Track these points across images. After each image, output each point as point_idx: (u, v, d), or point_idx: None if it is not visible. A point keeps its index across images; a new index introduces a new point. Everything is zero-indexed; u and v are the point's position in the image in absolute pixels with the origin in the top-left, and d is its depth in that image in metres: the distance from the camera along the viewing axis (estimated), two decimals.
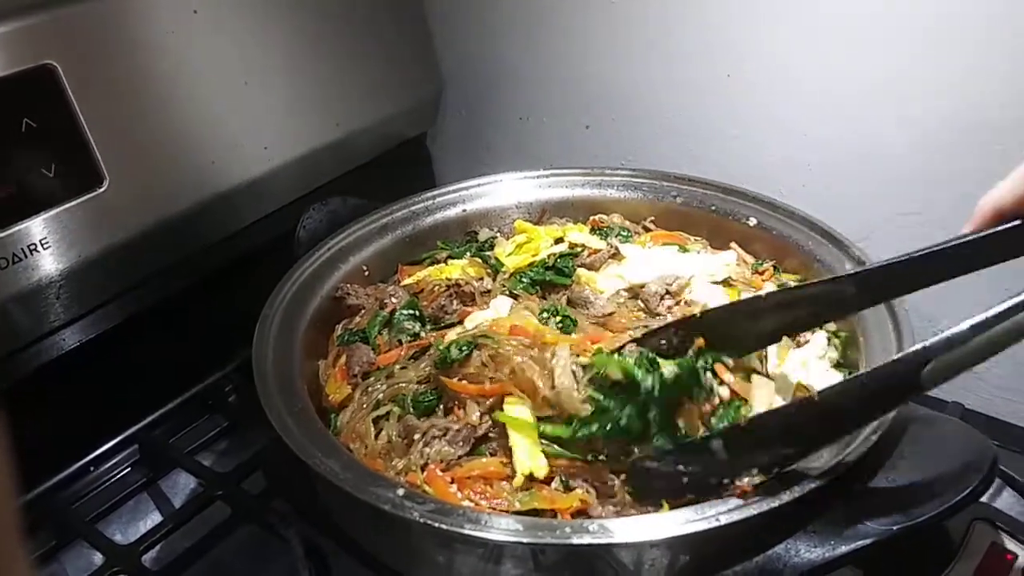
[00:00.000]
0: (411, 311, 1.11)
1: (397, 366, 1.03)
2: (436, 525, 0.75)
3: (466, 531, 0.74)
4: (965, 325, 0.70)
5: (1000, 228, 0.74)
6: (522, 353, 0.95)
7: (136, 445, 1.22)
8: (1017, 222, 0.73)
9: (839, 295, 0.84)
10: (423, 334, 1.07)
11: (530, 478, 0.86)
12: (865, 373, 0.76)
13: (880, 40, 1.16)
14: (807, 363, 1.01)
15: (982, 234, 0.75)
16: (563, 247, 1.23)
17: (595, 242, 1.22)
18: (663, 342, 0.93)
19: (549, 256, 1.19)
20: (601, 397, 0.88)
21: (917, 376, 0.72)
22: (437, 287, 1.14)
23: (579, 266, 1.18)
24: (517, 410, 0.91)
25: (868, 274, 0.85)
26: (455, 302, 1.12)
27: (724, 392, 0.90)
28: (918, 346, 0.72)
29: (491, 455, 0.91)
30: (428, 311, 1.12)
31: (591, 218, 1.30)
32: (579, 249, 1.22)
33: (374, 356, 1.05)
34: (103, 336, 1.22)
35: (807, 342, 1.03)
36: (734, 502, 0.76)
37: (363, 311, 1.14)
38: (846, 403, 0.76)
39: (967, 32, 1.09)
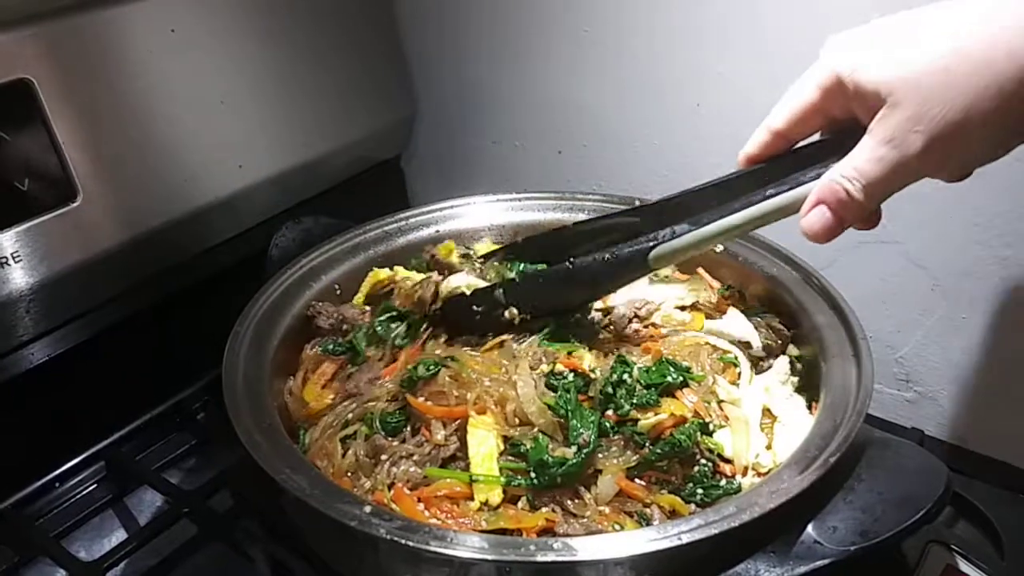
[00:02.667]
0: (389, 314, 1.11)
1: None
2: (403, 542, 0.75)
3: (432, 548, 0.75)
4: (686, 222, 0.92)
5: (753, 168, 0.89)
6: (485, 375, 0.98)
7: (103, 461, 1.21)
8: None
9: (630, 225, 1.01)
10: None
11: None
12: (608, 253, 0.99)
13: None
14: (770, 388, 1.03)
15: (736, 173, 0.91)
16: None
17: None
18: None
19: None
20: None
21: (645, 258, 0.95)
22: (408, 282, 1.15)
23: None
24: (480, 435, 0.93)
25: (647, 207, 1.02)
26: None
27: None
28: (651, 234, 0.95)
29: None
30: (406, 307, 1.13)
31: None
32: None
33: (379, 370, 1.05)
34: (72, 351, 1.22)
35: (770, 367, 1.05)
36: (696, 521, 0.77)
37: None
38: (593, 272, 1.01)
39: None
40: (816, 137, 0.86)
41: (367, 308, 1.18)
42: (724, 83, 1.30)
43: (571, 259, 1.02)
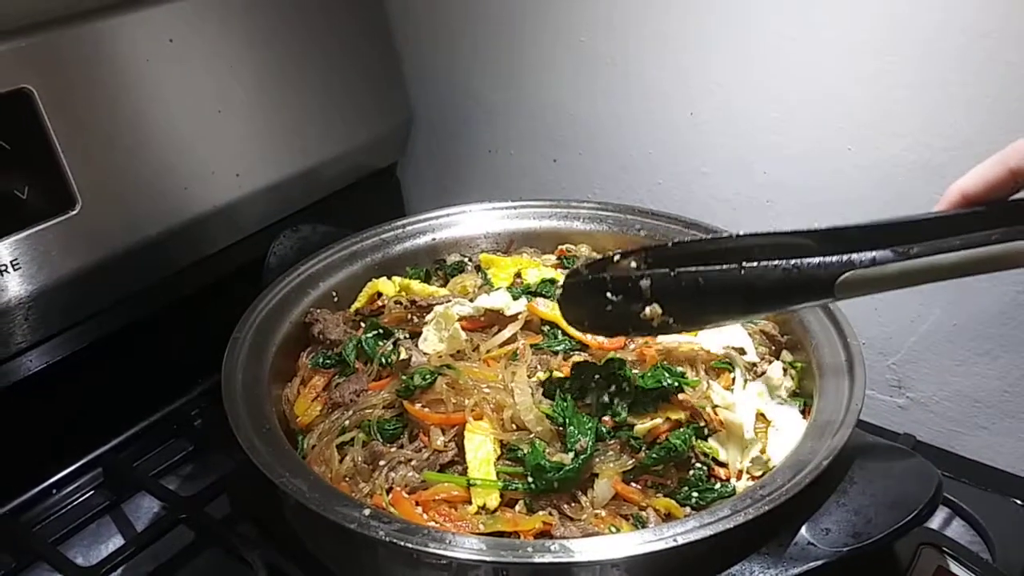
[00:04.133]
0: (375, 331, 1.12)
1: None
2: (401, 544, 0.76)
3: (431, 549, 0.76)
4: (890, 250, 0.76)
5: (963, 211, 0.78)
6: (482, 382, 0.99)
7: (100, 468, 1.22)
8: (980, 208, 0.77)
9: (801, 247, 0.84)
10: (402, 351, 1.07)
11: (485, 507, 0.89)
12: (793, 262, 0.81)
13: (836, 88, 1.21)
14: (764, 394, 1.04)
15: (941, 213, 0.79)
16: (550, 273, 1.25)
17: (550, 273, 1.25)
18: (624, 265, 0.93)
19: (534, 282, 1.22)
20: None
21: (833, 282, 0.78)
22: (395, 307, 1.16)
23: None
24: (477, 440, 0.94)
25: (828, 233, 0.84)
26: (414, 317, 1.14)
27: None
28: (844, 256, 0.78)
29: None
30: (392, 326, 1.14)
31: (558, 248, 1.33)
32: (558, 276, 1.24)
33: (366, 382, 1.06)
34: (70, 358, 1.23)
35: (764, 373, 1.07)
36: (691, 524, 0.78)
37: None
38: (769, 283, 0.82)
39: (926, 80, 1.13)
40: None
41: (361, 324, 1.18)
42: (718, 92, 1.32)
43: (742, 264, 0.84)
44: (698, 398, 0.98)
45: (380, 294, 1.22)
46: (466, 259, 1.32)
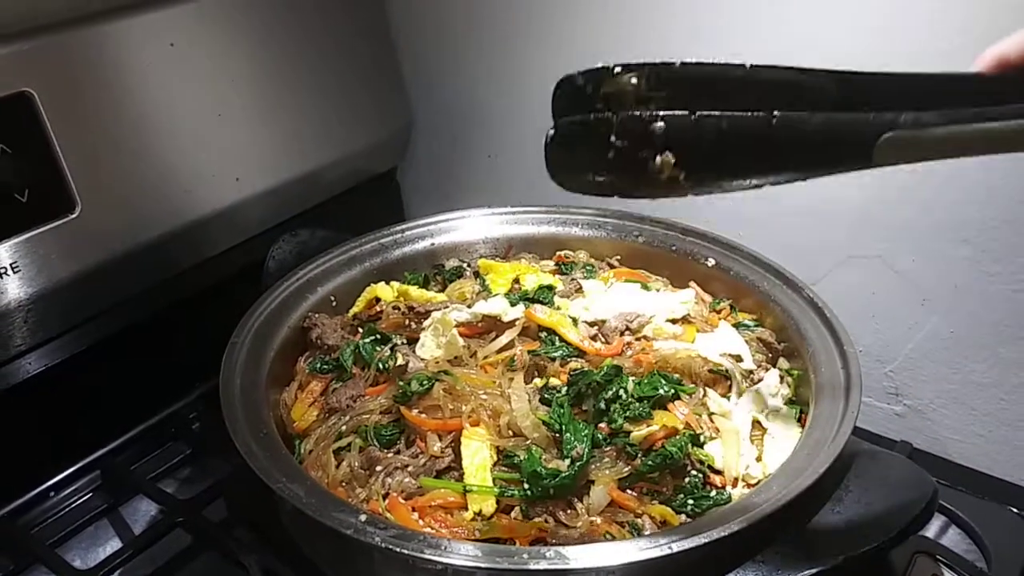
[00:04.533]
0: (373, 337, 1.12)
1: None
2: (397, 550, 0.76)
3: (427, 556, 0.76)
4: (936, 113, 0.67)
5: (999, 74, 0.70)
6: (479, 389, 0.99)
7: (98, 471, 1.22)
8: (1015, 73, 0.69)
9: (819, 89, 0.73)
10: (399, 357, 1.07)
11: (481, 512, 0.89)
12: (827, 116, 0.71)
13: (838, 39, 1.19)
14: (760, 401, 1.04)
15: (976, 73, 0.71)
16: (548, 279, 1.25)
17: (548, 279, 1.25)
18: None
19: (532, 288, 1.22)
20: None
21: (874, 142, 0.68)
22: (393, 313, 1.16)
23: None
24: (474, 446, 0.94)
25: (852, 77, 0.74)
26: (412, 323, 1.14)
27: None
28: (888, 115, 0.68)
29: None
30: (390, 331, 1.14)
31: (557, 253, 1.33)
32: (556, 283, 1.25)
33: (363, 388, 1.06)
34: (69, 361, 1.23)
35: (760, 380, 1.07)
36: (686, 531, 0.78)
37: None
38: (802, 137, 0.71)
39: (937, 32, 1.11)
40: None
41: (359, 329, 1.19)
42: None
43: (773, 111, 0.72)
44: (694, 405, 0.98)
45: (378, 299, 1.23)
46: (465, 264, 1.32)
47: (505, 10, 1.51)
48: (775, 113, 0.71)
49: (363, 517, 0.80)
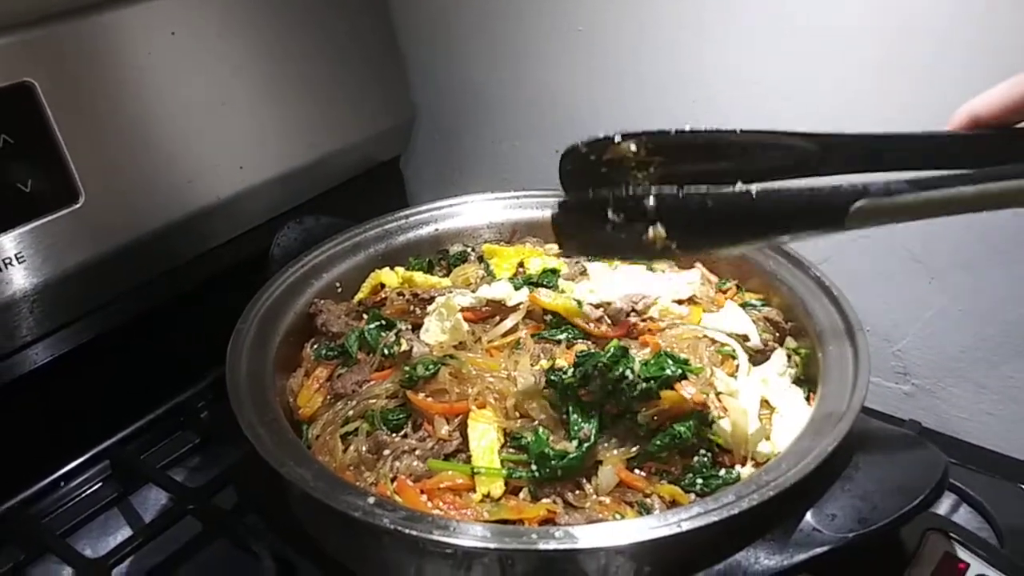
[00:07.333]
0: (378, 322, 1.12)
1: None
2: (407, 532, 0.76)
3: (436, 537, 0.76)
4: (905, 178, 0.72)
5: (970, 133, 0.75)
6: (485, 372, 0.99)
7: (108, 460, 1.22)
8: (988, 132, 0.75)
9: (802, 151, 0.83)
10: (403, 342, 1.07)
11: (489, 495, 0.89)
12: (807, 190, 0.76)
13: (837, 75, 1.20)
14: (768, 380, 1.04)
15: (948, 132, 0.76)
16: (553, 262, 1.25)
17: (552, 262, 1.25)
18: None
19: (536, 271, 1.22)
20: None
21: (846, 209, 0.73)
22: (397, 299, 1.16)
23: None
24: (481, 428, 0.94)
25: (832, 139, 0.82)
26: (416, 309, 1.14)
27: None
28: (858, 183, 0.73)
29: None
30: (395, 317, 1.14)
31: None
32: (561, 266, 1.24)
33: (368, 373, 1.06)
34: (76, 351, 1.23)
35: (767, 359, 1.06)
36: (696, 510, 0.78)
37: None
38: (781, 209, 0.77)
39: (936, 68, 1.12)
40: None
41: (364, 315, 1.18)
42: (720, 79, 1.31)
43: (749, 185, 0.78)
44: (702, 385, 0.98)
45: (383, 285, 1.23)
46: (469, 249, 1.32)
47: None
48: (753, 189, 0.76)
49: (372, 500, 0.80)
